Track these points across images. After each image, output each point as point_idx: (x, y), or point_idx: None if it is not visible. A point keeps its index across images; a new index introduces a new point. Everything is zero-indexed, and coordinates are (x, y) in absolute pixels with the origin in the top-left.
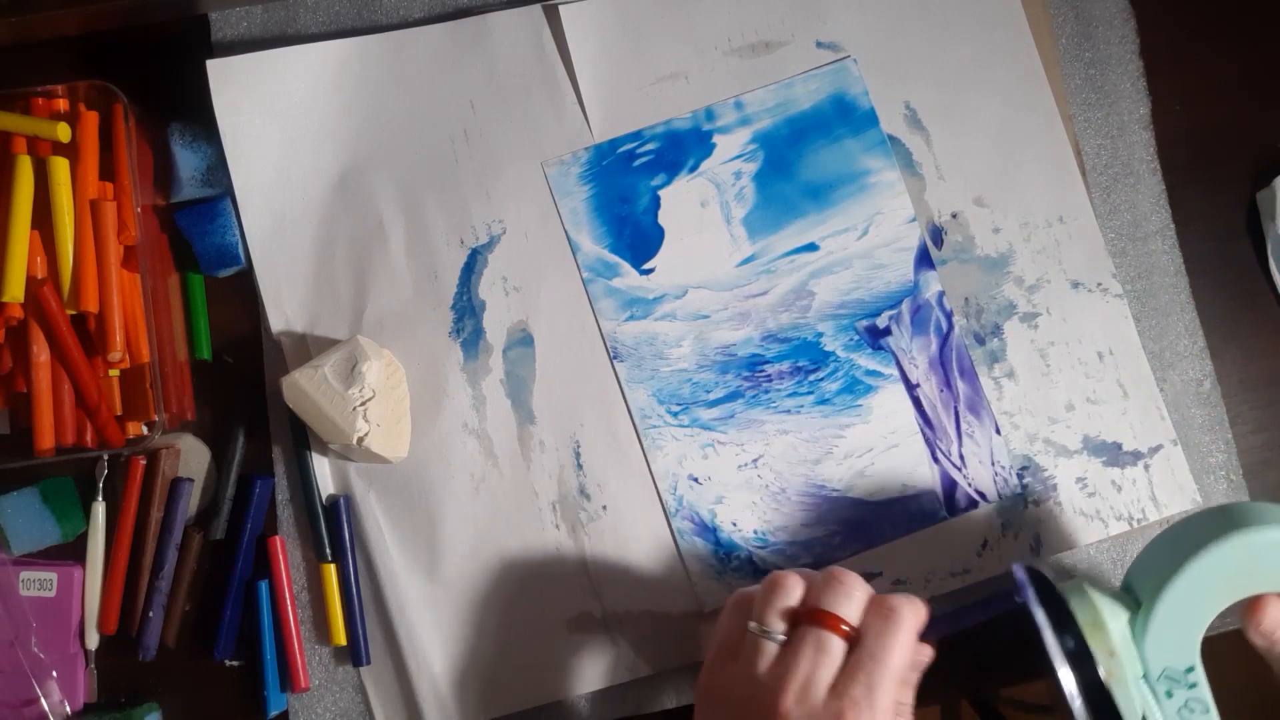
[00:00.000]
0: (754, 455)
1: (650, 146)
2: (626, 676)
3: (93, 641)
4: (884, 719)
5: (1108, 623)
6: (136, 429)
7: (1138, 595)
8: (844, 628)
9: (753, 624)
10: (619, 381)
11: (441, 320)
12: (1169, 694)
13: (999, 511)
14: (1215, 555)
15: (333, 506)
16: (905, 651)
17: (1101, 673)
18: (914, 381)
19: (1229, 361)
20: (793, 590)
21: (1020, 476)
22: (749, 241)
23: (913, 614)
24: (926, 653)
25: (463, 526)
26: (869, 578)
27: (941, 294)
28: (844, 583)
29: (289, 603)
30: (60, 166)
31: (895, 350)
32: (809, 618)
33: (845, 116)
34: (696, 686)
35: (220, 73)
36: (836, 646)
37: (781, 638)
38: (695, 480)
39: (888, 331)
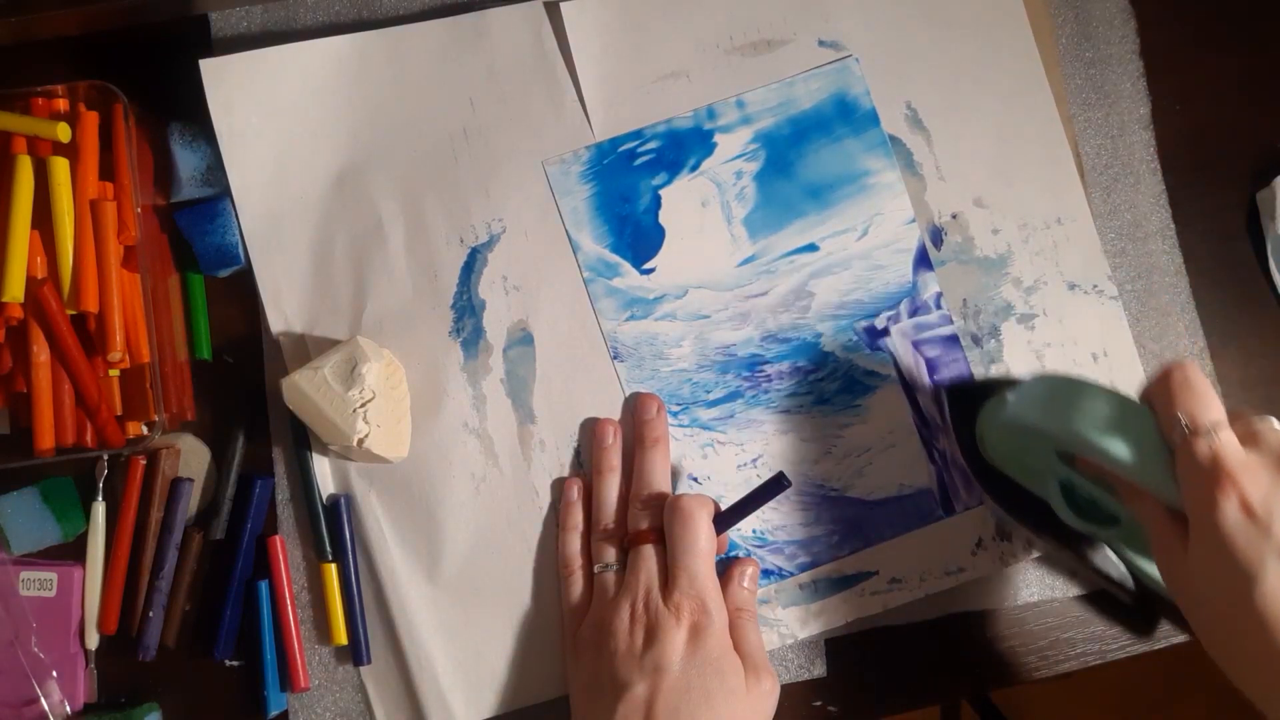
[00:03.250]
0: (753, 455)
1: (651, 145)
2: None
3: (93, 641)
4: (712, 593)
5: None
6: (136, 429)
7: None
8: (652, 535)
9: (597, 565)
10: (619, 381)
11: (441, 319)
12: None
13: (994, 511)
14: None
15: (333, 506)
16: (707, 536)
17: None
18: (912, 382)
19: (1229, 361)
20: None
21: None
22: (749, 241)
23: (700, 507)
24: (723, 541)
25: (463, 526)
26: (864, 577)
27: (940, 295)
28: (645, 505)
29: (289, 603)
30: (60, 166)
31: (893, 351)
32: (630, 541)
33: (846, 116)
34: (564, 640)
35: (214, 72)
36: (651, 552)
37: (615, 566)
38: (695, 480)
39: (886, 332)
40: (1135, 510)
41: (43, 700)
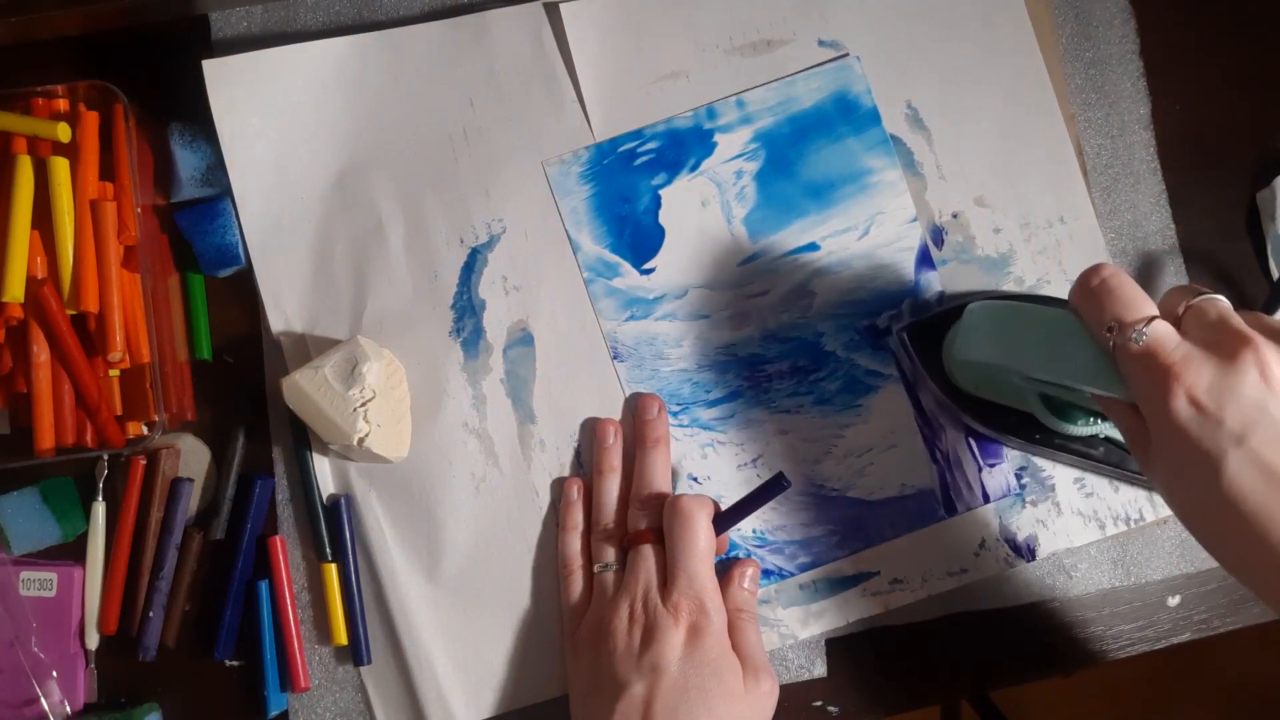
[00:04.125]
0: (753, 455)
1: (651, 145)
2: None
3: (93, 641)
4: (711, 594)
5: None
6: (136, 429)
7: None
8: (651, 536)
9: (596, 565)
10: (619, 381)
11: (441, 320)
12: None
13: (997, 512)
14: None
15: (333, 506)
16: (706, 537)
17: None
18: (913, 382)
19: None
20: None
21: (1019, 477)
22: (750, 241)
23: (700, 507)
24: (723, 541)
25: (463, 526)
26: (865, 578)
27: (942, 294)
28: (644, 505)
29: (289, 603)
30: (60, 166)
31: (895, 350)
32: (629, 541)
33: (847, 115)
34: (564, 640)
35: (217, 72)
36: (650, 552)
37: (615, 565)
38: (695, 480)
39: (888, 331)
40: (1106, 413)
41: (43, 700)
